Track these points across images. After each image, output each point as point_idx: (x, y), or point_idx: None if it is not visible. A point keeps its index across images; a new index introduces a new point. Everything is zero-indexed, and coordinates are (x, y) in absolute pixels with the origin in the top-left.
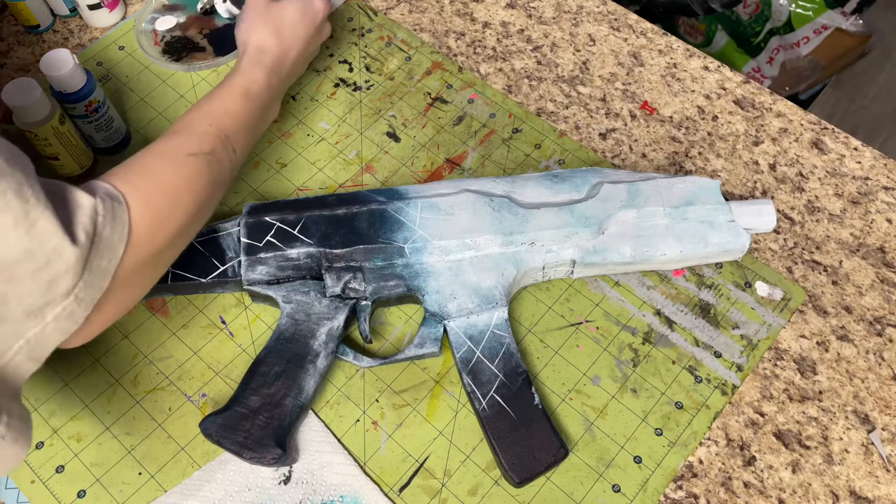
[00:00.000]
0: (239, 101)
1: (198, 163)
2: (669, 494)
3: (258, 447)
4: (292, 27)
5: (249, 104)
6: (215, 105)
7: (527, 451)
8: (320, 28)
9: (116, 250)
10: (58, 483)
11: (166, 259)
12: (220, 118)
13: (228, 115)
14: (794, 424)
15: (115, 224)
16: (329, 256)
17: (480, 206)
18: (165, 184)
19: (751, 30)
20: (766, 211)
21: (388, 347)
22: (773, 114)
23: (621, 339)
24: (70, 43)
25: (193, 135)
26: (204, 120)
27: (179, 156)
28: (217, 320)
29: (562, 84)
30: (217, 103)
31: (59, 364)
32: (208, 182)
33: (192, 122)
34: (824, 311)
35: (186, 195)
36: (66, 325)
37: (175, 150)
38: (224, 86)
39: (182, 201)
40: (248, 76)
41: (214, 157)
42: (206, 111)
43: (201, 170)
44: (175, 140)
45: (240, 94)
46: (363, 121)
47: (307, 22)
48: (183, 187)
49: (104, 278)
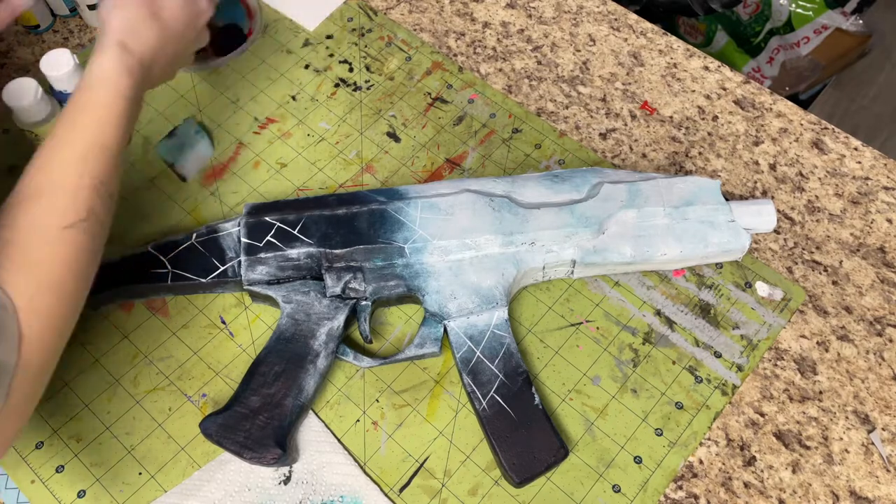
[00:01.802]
0: (107, 127)
1: (76, 235)
2: (669, 494)
3: (258, 447)
4: (171, 20)
5: (118, 127)
6: (80, 141)
7: (527, 451)
8: (200, 31)
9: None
10: (58, 483)
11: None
12: (91, 160)
13: (99, 152)
14: (795, 424)
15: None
16: (329, 256)
17: (480, 206)
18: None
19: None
20: (766, 211)
21: (388, 347)
22: (773, 114)
23: (621, 340)
24: (70, 43)
25: (63, 196)
26: (70, 169)
27: (53, 232)
28: (217, 320)
29: (562, 84)
30: (82, 137)
31: (59, 364)
32: (91, 253)
33: (57, 176)
34: (824, 312)
35: (70, 281)
36: None
37: (46, 224)
38: (86, 109)
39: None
40: (113, 89)
41: (94, 218)
42: (71, 153)
43: (81, 242)
44: (42, 210)
45: (108, 117)
46: (363, 121)
47: (189, 16)
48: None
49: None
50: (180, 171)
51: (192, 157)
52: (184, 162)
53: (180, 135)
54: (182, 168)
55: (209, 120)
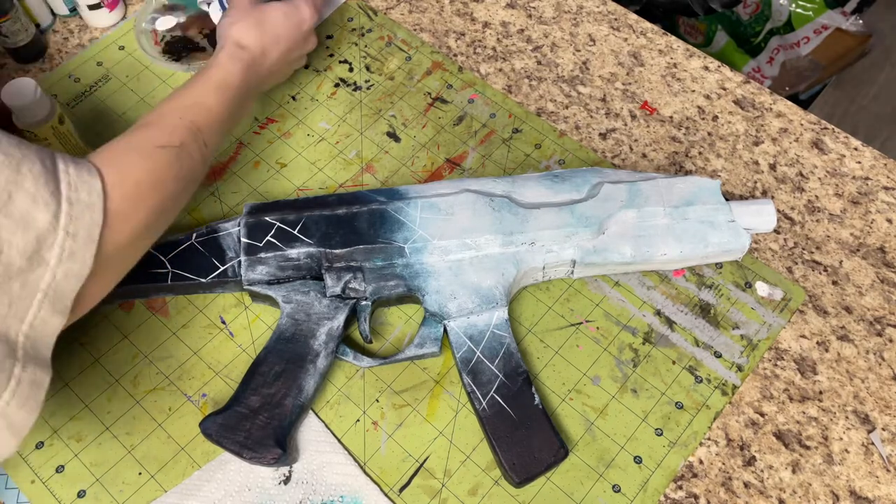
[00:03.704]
0: (213, 93)
1: (167, 155)
2: (669, 494)
3: (258, 447)
4: (274, 27)
5: (223, 98)
6: (188, 97)
7: (527, 451)
8: (306, 35)
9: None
10: (58, 483)
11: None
12: (193, 110)
13: (201, 108)
14: (795, 424)
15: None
16: (329, 256)
17: (481, 206)
18: (132, 176)
19: (751, 30)
20: (766, 211)
21: (388, 347)
22: (773, 114)
23: (621, 339)
24: (70, 43)
25: (164, 126)
26: (175, 112)
27: (148, 147)
28: (217, 320)
29: (562, 84)
30: (190, 95)
31: (60, 364)
32: (177, 175)
33: (164, 113)
34: (824, 311)
35: (153, 189)
36: (75, 267)
37: (144, 141)
38: (199, 78)
39: (148, 196)
40: (225, 69)
41: (184, 150)
42: (179, 103)
43: (170, 162)
44: (144, 132)
45: (214, 86)
46: (363, 121)
47: (291, 25)
48: (149, 180)
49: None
50: None
51: None
52: None
53: None
54: None
55: None
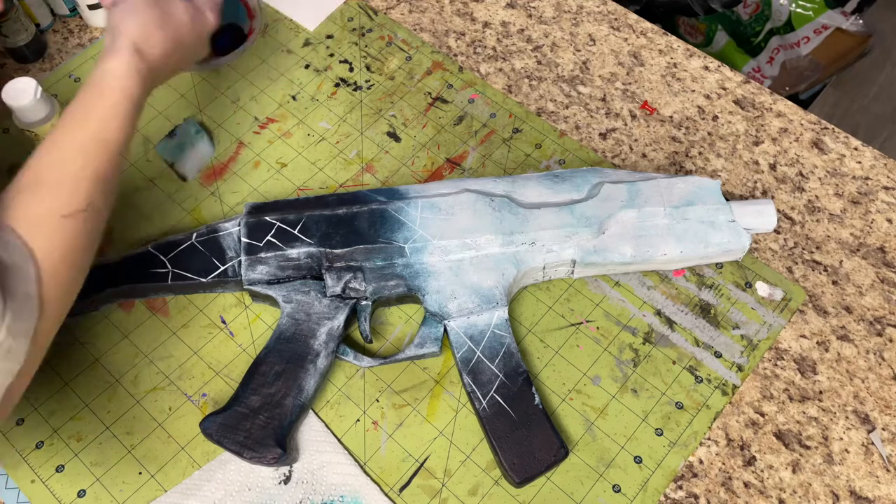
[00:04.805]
0: (112, 122)
1: (75, 225)
2: (670, 494)
3: (258, 447)
4: (178, 29)
5: (123, 124)
6: (86, 130)
7: (527, 451)
8: (204, 43)
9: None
10: (58, 483)
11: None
12: (94, 153)
13: (102, 147)
14: (795, 424)
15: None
16: (329, 256)
17: (481, 206)
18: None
19: (751, 30)
20: (766, 211)
21: (389, 347)
22: (773, 114)
23: (622, 339)
24: (70, 43)
25: (66, 186)
26: (76, 160)
27: (54, 220)
28: (217, 320)
29: (562, 84)
30: (88, 128)
31: (60, 364)
32: (88, 244)
33: (65, 164)
34: (824, 311)
35: (67, 266)
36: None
37: (47, 214)
38: (95, 101)
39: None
40: (123, 88)
41: (92, 209)
42: (77, 144)
43: (79, 231)
44: (47, 199)
45: (113, 113)
46: (363, 120)
47: (195, 29)
48: (62, 257)
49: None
50: (180, 171)
51: (192, 156)
52: (184, 161)
53: (180, 134)
54: (182, 168)
55: (209, 120)
